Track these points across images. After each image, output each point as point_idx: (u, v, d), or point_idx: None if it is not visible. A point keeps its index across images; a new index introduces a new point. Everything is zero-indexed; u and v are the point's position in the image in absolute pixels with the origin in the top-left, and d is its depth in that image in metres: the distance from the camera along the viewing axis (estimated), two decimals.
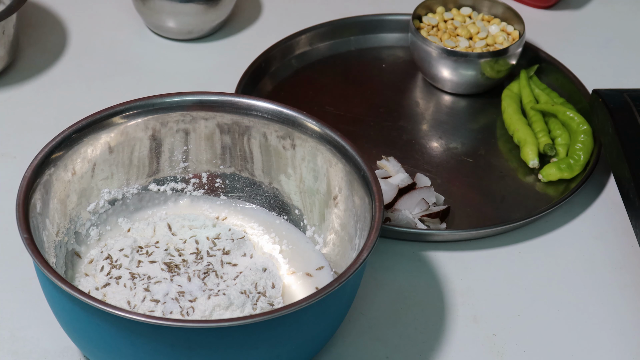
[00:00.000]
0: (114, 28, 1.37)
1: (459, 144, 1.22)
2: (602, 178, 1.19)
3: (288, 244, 1.06)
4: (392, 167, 1.16)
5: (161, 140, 1.06)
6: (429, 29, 1.28)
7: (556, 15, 1.42)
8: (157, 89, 1.20)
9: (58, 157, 0.99)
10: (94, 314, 0.88)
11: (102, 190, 1.04)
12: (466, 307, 1.05)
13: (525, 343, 1.02)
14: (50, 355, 0.99)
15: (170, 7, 1.31)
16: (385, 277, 1.08)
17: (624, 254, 1.11)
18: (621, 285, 1.08)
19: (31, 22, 1.36)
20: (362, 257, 0.91)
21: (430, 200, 1.13)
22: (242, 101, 1.05)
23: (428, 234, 1.10)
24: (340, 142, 1.01)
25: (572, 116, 1.20)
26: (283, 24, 1.37)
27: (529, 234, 1.13)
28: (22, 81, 1.28)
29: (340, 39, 1.35)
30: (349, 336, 1.02)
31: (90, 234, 1.04)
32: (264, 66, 1.29)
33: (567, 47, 1.37)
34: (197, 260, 1.01)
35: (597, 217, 1.15)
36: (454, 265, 1.09)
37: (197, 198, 1.09)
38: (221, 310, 0.96)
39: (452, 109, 1.27)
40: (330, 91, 1.29)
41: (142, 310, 0.95)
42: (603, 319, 1.04)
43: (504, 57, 1.24)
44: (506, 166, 1.20)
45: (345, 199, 1.02)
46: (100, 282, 0.99)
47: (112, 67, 1.31)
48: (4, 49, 1.26)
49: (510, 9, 1.29)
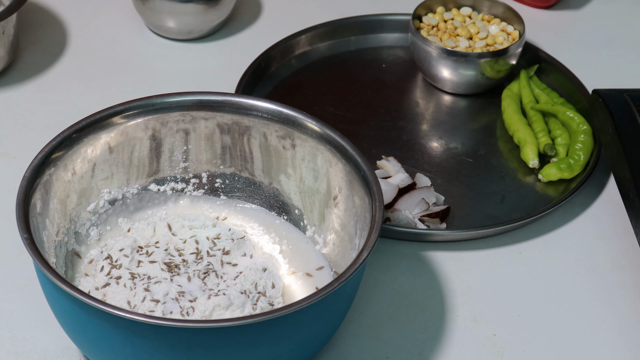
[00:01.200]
0: (114, 28, 1.37)
1: (459, 144, 1.22)
2: (602, 178, 1.19)
3: (288, 244, 1.06)
4: (392, 167, 1.16)
5: (161, 140, 1.06)
6: (429, 29, 1.28)
7: (556, 15, 1.42)
8: (157, 89, 1.20)
9: (58, 157, 0.99)
10: (94, 314, 0.88)
11: (102, 190, 1.04)
12: (466, 307, 1.05)
13: (525, 343, 1.02)
14: (50, 355, 0.99)
15: (170, 7, 1.31)
16: (385, 277, 1.08)
17: (624, 254, 1.11)
18: (621, 285, 1.07)
19: (31, 22, 1.36)
20: (362, 257, 0.91)
21: (430, 200, 1.13)
22: (242, 101, 1.05)
23: (428, 234, 1.10)
24: (340, 142, 1.01)
25: (572, 116, 1.20)
26: (283, 24, 1.37)
27: (529, 234, 1.13)
28: (22, 81, 1.28)
29: (340, 39, 1.35)
30: (349, 336, 1.02)
31: (90, 234, 1.04)
32: (264, 66, 1.29)
33: (567, 47, 1.36)
34: (197, 260, 1.01)
35: (597, 217, 1.15)
36: (454, 265, 1.09)
37: (197, 198, 1.09)
38: (221, 310, 0.96)
39: (452, 109, 1.27)
40: (330, 91, 1.29)
41: (142, 310, 0.95)
42: (603, 319, 1.04)
43: (504, 57, 1.24)
44: (506, 166, 1.20)
45: (345, 199, 1.02)
46: (100, 282, 0.99)
47: (112, 67, 1.31)
48: (4, 49, 1.26)
49: (510, 9, 1.29)
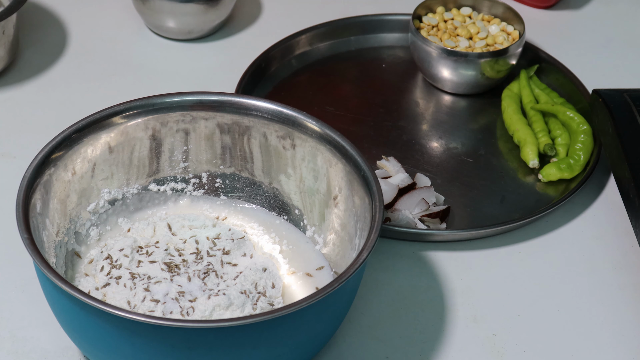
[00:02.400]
0: (114, 28, 1.37)
1: (459, 144, 1.22)
2: (602, 178, 1.19)
3: (288, 244, 1.06)
4: (392, 167, 1.16)
5: (161, 140, 1.06)
6: (429, 29, 1.28)
7: (556, 15, 1.42)
8: (157, 89, 1.19)
9: (58, 157, 0.99)
10: (94, 314, 0.88)
11: (102, 190, 1.04)
12: (466, 307, 1.05)
13: (525, 343, 1.02)
14: (50, 355, 0.99)
15: (170, 7, 1.31)
16: (385, 277, 1.08)
17: (624, 254, 1.10)
18: (621, 285, 1.07)
19: (31, 22, 1.36)
20: (362, 257, 0.91)
21: (430, 200, 1.13)
22: (242, 101, 1.05)
23: (428, 234, 1.10)
24: (340, 142, 1.01)
25: (572, 116, 1.20)
26: (283, 24, 1.37)
27: (529, 234, 1.13)
28: (22, 81, 1.28)
29: (340, 39, 1.35)
30: (349, 336, 1.02)
31: (90, 234, 1.04)
32: (264, 66, 1.29)
33: (567, 47, 1.36)
34: (197, 260, 1.01)
35: (597, 217, 1.15)
36: (454, 265, 1.09)
37: (197, 198, 1.09)
38: (221, 310, 0.96)
39: (452, 109, 1.27)
40: (330, 91, 1.29)
41: (142, 310, 0.95)
42: (603, 319, 1.04)
43: (504, 57, 1.24)
44: (506, 166, 1.20)
45: (345, 199, 1.02)
46: (100, 282, 0.99)
47: (112, 67, 1.31)
48: (4, 49, 1.26)
49: (510, 9, 1.29)
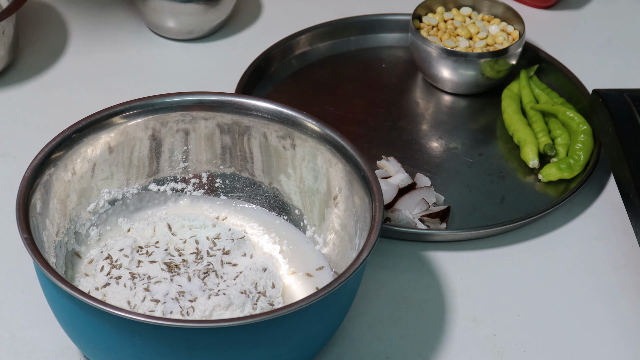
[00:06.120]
0: (114, 28, 1.37)
1: (459, 144, 1.22)
2: (602, 178, 1.19)
3: (288, 244, 1.06)
4: (392, 167, 1.16)
5: (161, 140, 1.06)
6: (429, 29, 1.28)
7: (556, 15, 1.42)
8: (157, 89, 1.19)
9: (58, 157, 0.99)
10: (94, 314, 0.88)
11: (102, 190, 1.04)
12: (466, 307, 1.05)
13: (525, 343, 1.02)
14: (50, 355, 0.99)
15: (170, 7, 1.31)
16: (385, 277, 1.08)
17: (624, 254, 1.10)
18: (621, 285, 1.07)
19: (31, 22, 1.36)
20: (362, 257, 0.91)
21: (430, 200, 1.13)
22: (242, 101, 1.05)
23: (428, 234, 1.10)
24: (340, 142, 1.01)
25: (572, 116, 1.20)
26: (283, 24, 1.37)
27: (529, 234, 1.13)
28: (22, 81, 1.28)
29: (340, 39, 1.35)
30: (349, 336, 1.02)
31: (90, 234, 1.04)
32: (264, 66, 1.29)
33: (567, 47, 1.36)
34: (197, 260, 1.01)
35: (597, 217, 1.15)
36: (454, 265, 1.09)
37: (197, 198, 1.09)
38: (221, 310, 0.96)
39: (452, 109, 1.27)
40: (330, 91, 1.29)
41: (142, 310, 0.95)
42: (603, 319, 1.04)
43: (504, 57, 1.24)
44: (506, 166, 1.20)
45: (345, 199, 1.02)
46: (100, 282, 0.99)
47: (112, 67, 1.31)
48: (4, 49, 1.26)
49: (510, 9, 1.29)
